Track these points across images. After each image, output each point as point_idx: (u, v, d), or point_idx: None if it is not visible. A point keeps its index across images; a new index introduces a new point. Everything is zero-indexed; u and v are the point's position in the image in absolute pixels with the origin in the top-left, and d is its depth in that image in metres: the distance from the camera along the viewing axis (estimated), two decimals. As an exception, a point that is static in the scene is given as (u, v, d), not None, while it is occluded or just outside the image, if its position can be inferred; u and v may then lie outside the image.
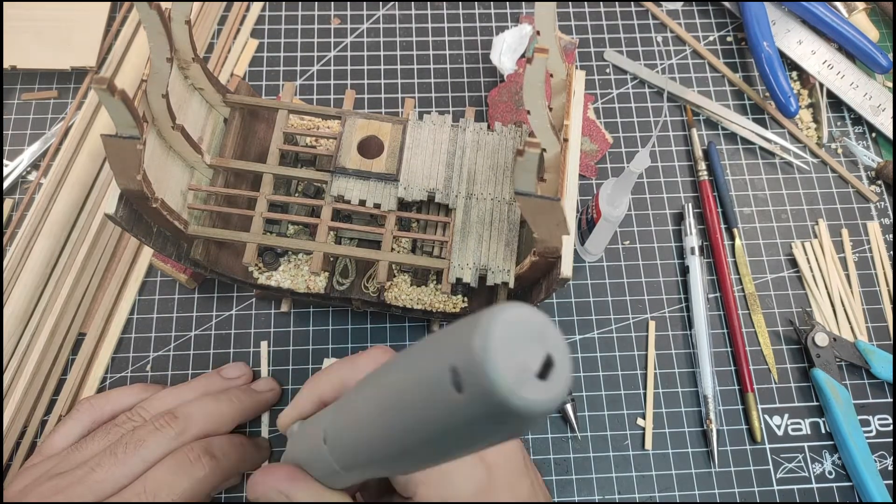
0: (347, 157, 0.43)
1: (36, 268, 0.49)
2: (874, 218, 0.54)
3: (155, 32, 0.35)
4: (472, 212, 0.42)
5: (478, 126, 0.44)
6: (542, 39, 0.36)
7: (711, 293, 0.51)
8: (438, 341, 0.20)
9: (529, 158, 0.30)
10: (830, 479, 0.47)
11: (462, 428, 0.19)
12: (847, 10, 0.59)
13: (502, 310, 0.18)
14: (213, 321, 0.50)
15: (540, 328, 0.18)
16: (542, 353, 0.18)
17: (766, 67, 0.55)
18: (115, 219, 0.37)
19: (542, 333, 0.18)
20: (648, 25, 0.60)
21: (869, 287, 0.52)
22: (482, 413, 0.18)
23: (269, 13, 0.59)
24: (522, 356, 0.18)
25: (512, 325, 0.18)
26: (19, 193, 0.53)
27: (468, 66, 0.58)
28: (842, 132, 0.57)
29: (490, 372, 0.17)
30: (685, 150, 0.56)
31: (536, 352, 0.18)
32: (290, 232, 0.45)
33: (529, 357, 0.18)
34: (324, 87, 0.57)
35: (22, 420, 0.46)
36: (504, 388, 0.17)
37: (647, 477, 0.47)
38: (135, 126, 0.32)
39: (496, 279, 0.40)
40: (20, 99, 0.56)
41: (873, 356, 0.49)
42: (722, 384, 0.49)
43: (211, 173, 0.44)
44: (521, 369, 0.17)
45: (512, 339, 0.18)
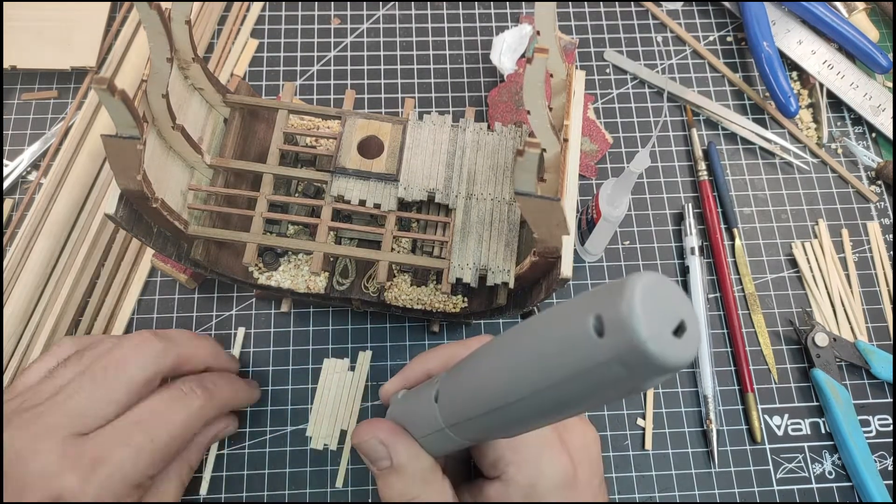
0: (347, 157, 0.43)
1: (36, 268, 0.49)
2: (874, 218, 0.54)
3: (155, 32, 0.35)
4: (472, 212, 0.42)
5: (478, 126, 0.44)
6: (542, 39, 0.36)
7: (711, 293, 0.51)
8: (579, 300, 0.22)
9: (529, 158, 0.30)
10: (830, 479, 0.47)
11: (594, 370, 0.21)
12: (847, 10, 0.59)
13: (646, 274, 0.20)
14: (213, 321, 0.50)
15: (676, 297, 0.20)
16: (678, 317, 0.20)
17: (766, 67, 0.55)
18: (115, 219, 0.37)
19: (678, 301, 0.20)
20: (648, 25, 0.60)
21: (869, 287, 0.52)
22: (618, 357, 0.20)
23: (269, 13, 0.59)
24: (661, 315, 0.20)
25: (654, 287, 0.20)
26: (19, 193, 0.53)
27: (468, 66, 0.58)
28: (842, 132, 0.57)
29: (634, 321, 0.19)
30: (685, 150, 0.56)
31: (673, 314, 0.20)
32: (290, 232, 0.45)
33: (666, 317, 0.20)
34: (324, 87, 0.57)
35: (22, 420, 0.46)
36: (644, 335, 0.19)
37: (647, 477, 0.47)
38: (135, 126, 0.32)
39: (496, 279, 0.40)
40: (20, 99, 0.56)
41: (873, 356, 0.49)
42: (722, 384, 0.49)
43: (211, 173, 0.44)
44: (659, 324, 0.20)
45: (653, 299, 0.20)
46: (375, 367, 0.49)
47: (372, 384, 0.48)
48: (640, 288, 0.20)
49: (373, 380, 0.48)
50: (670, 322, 0.20)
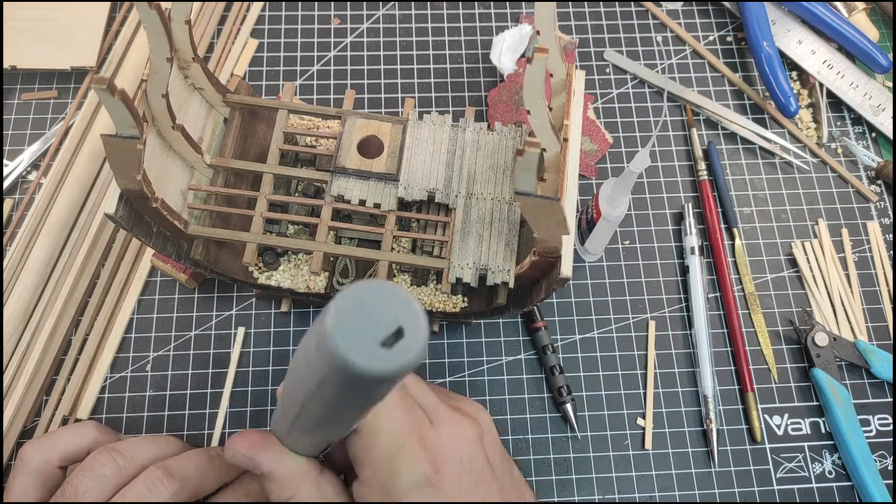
0: (347, 157, 0.43)
1: (36, 268, 0.49)
2: (874, 218, 0.54)
3: (155, 32, 0.35)
4: (472, 212, 0.42)
5: (478, 126, 0.44)
6: (542, 39, 0.36)
7: (711, 293, 0.51)
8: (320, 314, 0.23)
9: (529, 158, 0.30)
10: (830, 478, 0.47)
11: (323, 384, 0.22)
12: (847, 10, 0.59)
13: (358, 285, 0.21)
14: (213, 321, 0.50)
15: (394, 303, 0.21)
16: (395, 324, 0.20)
17: (766, 67, 0.55)
18: (115, 219, 0.37)
19: (396, 307, 0.21)
20: (648, 25, 0.60)
21: (869, 287, 0.52)
22: (331, 371, 0.21)
23: (269, 13, 0.59)
24: (370, 326, 0.20)
25: (363, 297, 0.20)
26: (19, 193, 0.53)
27: (468, 66, 0.58)
28: (842, 132, 0.57)
29: (333, 335, 0.20)
30: (685, 150, 0.56)
31: (386, 322, 0.20)
32: (290, 232, 0.45)
33: (376, 327, 0.20)
34: (324, 87, 0.57)
35: (22, 420, 0.46)
36: (342, 348, 0.20)
37: (647, 477, 0.47)
38: (135, 126, 0.32)
39: (496, 279, 0.40)
40: (20, 99, 0.56)
41: (873, 356, 0.49)
42: (722, 384, 0.49)
43: (211, 173, 0.44)
44: (363, 336, 0.20)
45: (363, 310, 0.20)
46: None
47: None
48: (341, 301, 0.20)
49: (373, 380, 0.48)
50: (381, 331, 0.20)
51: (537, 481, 0.46)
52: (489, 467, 0.35)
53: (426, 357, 0.21)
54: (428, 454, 0.33)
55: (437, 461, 0.33)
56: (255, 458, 0.33)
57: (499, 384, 0.49)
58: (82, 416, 0.47)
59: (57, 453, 0.38)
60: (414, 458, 0.32)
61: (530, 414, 0.48)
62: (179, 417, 0.47)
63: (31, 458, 0.38)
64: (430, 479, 0.32)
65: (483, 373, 0.49)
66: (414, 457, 0.32)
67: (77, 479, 0.36)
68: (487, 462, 0.35)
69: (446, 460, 0.33)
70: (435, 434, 0.34)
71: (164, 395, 0.48)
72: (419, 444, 0.33)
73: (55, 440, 0.39)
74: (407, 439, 0.32)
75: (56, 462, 0.38)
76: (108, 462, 0.36)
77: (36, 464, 0.38)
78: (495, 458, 0.36)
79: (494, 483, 0.34)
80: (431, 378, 0.49)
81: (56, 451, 0.38)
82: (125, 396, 0.48)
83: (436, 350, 0.49)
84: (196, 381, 0.48)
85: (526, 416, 0.48)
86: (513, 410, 0.48)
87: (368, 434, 0.32)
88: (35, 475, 0.37)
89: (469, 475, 0.34)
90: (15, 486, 0.37)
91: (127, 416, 0.47)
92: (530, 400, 0.48)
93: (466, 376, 0.49)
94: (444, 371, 0.49)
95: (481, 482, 0.34)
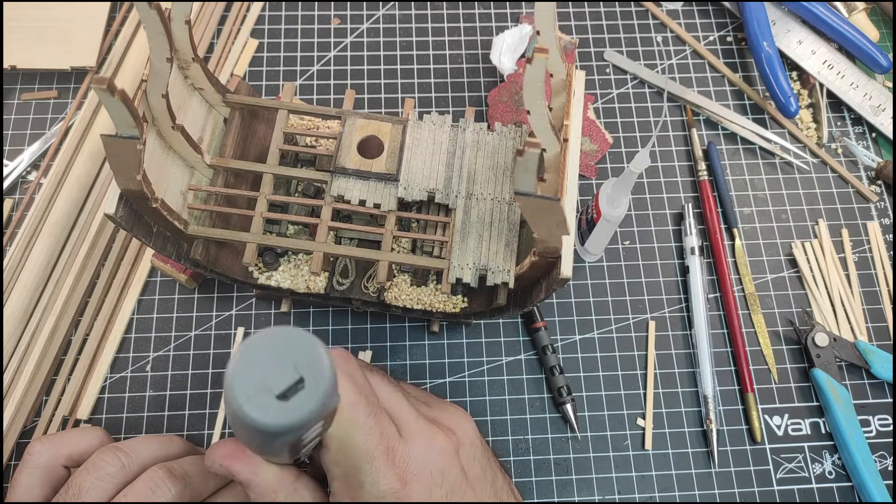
0: (347, 157, 0.43)
1: (36, 268, 0.49)
2: (874, 218, 0.54)
3: (155, 32, 0.35)
4: (472, 212, 0.42)
5: (478, 126, 0.44)
6: (542, 39, 0.36)
7: (711, 293, 0.51)
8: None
9: (529, 158, 0.30)
10: (830, 479, 0.47)
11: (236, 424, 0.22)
12: (847, 10, 0.59)
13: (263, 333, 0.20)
14: (213, 321, 0.50)
15: (303, 352, 0.20)
16: (294, 376, 0.20)
17: (766, 67, 0.55)
18: (115, 219, 0.37)
19: (304, 357, 0.20)
20: (648, 25, 0.60)
21: (869, 287, 0.52)
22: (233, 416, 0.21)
23: (269, 13, 0.59)
24: (268, 377, 0.20)
25: (266, 348, 0.20)
26: (19, 193, 0.53)
27: (468, 66, 0.58)
28: (842, 132, 0.57)
29: (229, 387, 0.20)
30: (685, 150, 0.56)
31: (287, 375, 0.20)
32: (290, 232, 0.45)
33: (277, 379, 0.20)
34: (324, 87, 0.57)
35: (22, 420, 0.46)
36: (234, 402, 0.20)
37: (647, 477, 0.47)
38: (135, 126, 0.32)
39: (496, 279, 0.40)
40: (20, 99, 0.56)
41: (873, 356, 0.49)
42: (722, 384, 0.49)
43: (211, 173, 0.44)
44: (258, 389, 0.20)
45: (262, 360, 0.20)
46: (375, 366, 0.49)
47: (372, 384, 0.48)
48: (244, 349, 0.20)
49: (373, 380, 0.48)
50: (281, 383, 0.20)
51: (537, 482, 0.46)
52: (464, 478, 0.35)
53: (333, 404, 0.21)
54: (395, 468, 0.33)
55: (404, 475, 0.33)
56: (231, 467, 0.33)
57: (499, 384, 0.49)
58: (82, 416, 0.47)
59: (65, 452, 0.39)
60: (380, 473, 0.33)
61: (530, 414, 0.48)
62: (179, 417, 0.47)
63: (38, 454, 0.38)
64: (398, 493, 0.33)
65: (483, 373, 0.49)
66: (380, 471, 0.33)
67: (81, 477, 0.36)
68: (462, 473, 0.35)
69: (415, 474, 0.33)
70: (404, 448, 0.34)
71: (163, 396, 0.48)
72: (386, 458, 0.33)
73: (64, 439, 0.39)
74: (374, 454, 0.33)
75: (63, 461, 0.39)
76: (111, 460, 0.37)
77: (43, 460, 0.38)
78: (473, 468, 0.36)
79: (469, 492, 0.35)
80: (432, 379, 0.49)
81: (64, 451, 0.39)
82: (125, 396, 0.48)
83: (436, 350, 0.49)
84: (196, 382, 0.48)
85: (526, 417, 0.48)
86: (513, 411, 0.48)
87: (335, 448, 0.32)
88: (41, 471, 0.38)
89: (439, 488, 0.34)
90: (21, 481, 0.38)
91: (127, 417, 0.47)
92: (530, 400, 0.48)
93: (466, 376, 0.49)
94: (444, 371, 0.49)
95: (454, 494, 0.34)
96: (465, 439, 0.37)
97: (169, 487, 0.36)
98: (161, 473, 0.36)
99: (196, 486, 0.37)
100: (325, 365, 0.20)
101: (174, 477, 0.36)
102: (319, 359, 0.20)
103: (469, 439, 0.37)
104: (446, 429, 0.36)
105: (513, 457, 0.47)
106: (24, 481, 0.38)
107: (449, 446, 0.35)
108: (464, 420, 0.38)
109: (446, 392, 0.48)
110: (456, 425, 0.37)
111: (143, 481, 0.36)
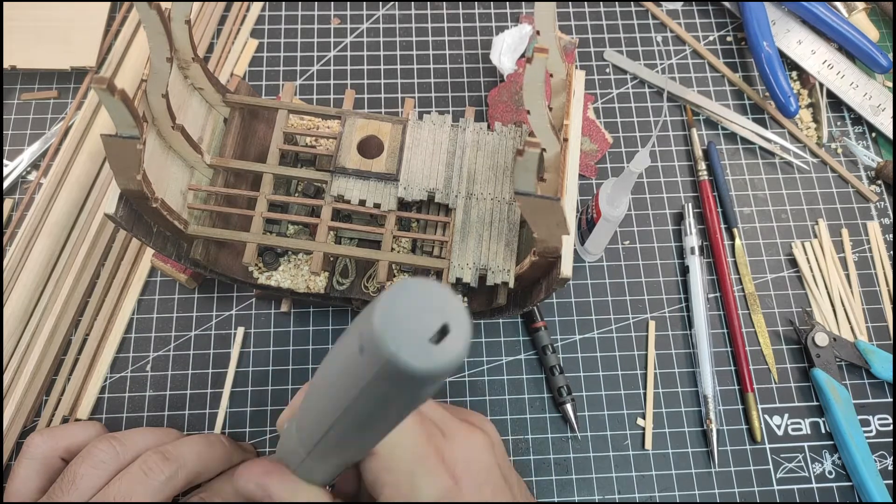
0: (347, 157, 0.43)
1: (36, 268, 0.49)
2: (874, 218, 0.54)
3: (155, 32, 0.35)
4: (472, 212, 0.42)
5: (478, 126, 0.44)
6: (542, 39, 0.36)
7: (711, 293, 0.51)
8: (357, 319, 0.22)
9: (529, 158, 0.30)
10: (830, 479, 0.47)
11: (368, 388, 0.21)
12: (847, 10, 0.59)
13: (403, 284, 0.20)
14: (213, 321, 0.50)
15: (438, 299, 0.20)
16: (440, 321, 0.20)
17: (766, 67, 0.55)
18: (115, 219, 0.37)
19: (441, 304, 0.20)
20: (648, 25, 0.60)
21: (869, 287, 0.52)
22: (379, 372, 0.20)
23: (269, 13, 0.59)
24: (417, 323, 0.20)
25: (408, 295, 0.20)
26: (19, 193, 0.53)
27: (468, 66, 0.58)
28: (842, 132, 0.57)
29: (381, 334, 0.19)
30: (685, 150, 0.56)
31: (433, 319, 0.20)
32: (290, 232, 0.45)
33: (425, 325, 0.20)
34: (324, 87, 0.57)
35: (22, 420, 0.46)
36: (392, 347, 0.19)
37: (647, 477, 0.47)
38: (135, 126, 0.32)
39: (496, 279, 0.40)
40: (20, 99, 0.56)
41: (873, 356, 0.49)
42: (722, 384, 0.49)
43: (211, 173, 0.44)
44: (411, 334, 0.20)
45: (408, 308, 0.20)
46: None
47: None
48: (386, 300, 0.20)
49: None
50: (428, 328, 0.20)
51: (537, 481, 0.46)
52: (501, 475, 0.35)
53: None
54: (447, 467, 0.32)
55: (455, 473, 0.33)
56: (269, 486, 0.32)
57: (499, 384, 0.49)
58: (82, 416, 0.47)
59: (63, 445, 0.40)
60: (434, 473, 0.32)
61: (530, 414, 0.48)
62: (179, 417, 0.47)
63: (37, 445, 0.39)
64: (451, 492, 0.32)
65: (483, 373, 0.49)
66: (434, 471, 0.32)
67: (76, 465, 0.37)
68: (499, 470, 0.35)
69: (465, 472, 0.33)
70: (450, 446, 0.34)
71: (163, 395, 0.48)
72: (437, 457, 0.32)
73: (63, 432, 0.40)
74: (425, 454, 0.32)
75: (61, 453, 0.40)
76: (106, 448, 0.38)
77: (41, 452, 0.39)
78: (504, 466, 0.36)
79: (508, 491, 0.34)
80: (431, 378, 0.49)
81: (62, 443, 0.40)
82: (125, 396, 0.48)
83: (436, 350, 0.49)
84: (196, 381, 0.48)
85: (526, 417, 0.48)
86: (513, 410, 0.48)
87: (386, 454, 0.32)
88: (39, 463, 0.39)
89: (487, 485, 0.34)
90: (19, 472, 0.39)
91: (127, 417, 0.47)
92: (530, 400, 0.48)
93: (466, 376, 0.49)
94: (444, 371, 0.49)
95: (498, 491, 0.34)
96: (494, 437, 0.37)
97: (163, 469, 0.36)
98: (155, 457, 0.37)
99: (191, 469, 0.38)
100: (463, 311, 0.20)
101: (168, 460, 0.37)
102: (457, 305, 0.20)
103: (496, 438, 0.37)
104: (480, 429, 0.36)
105: (513, 457, 0.47)
106: (22, 472, 0.39)
107: (487, 444, 0.35)
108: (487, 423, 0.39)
109: (446, 392, 0.48)
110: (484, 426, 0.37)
111: (137, 465, 0.37)
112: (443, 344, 0.20)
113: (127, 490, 0.36)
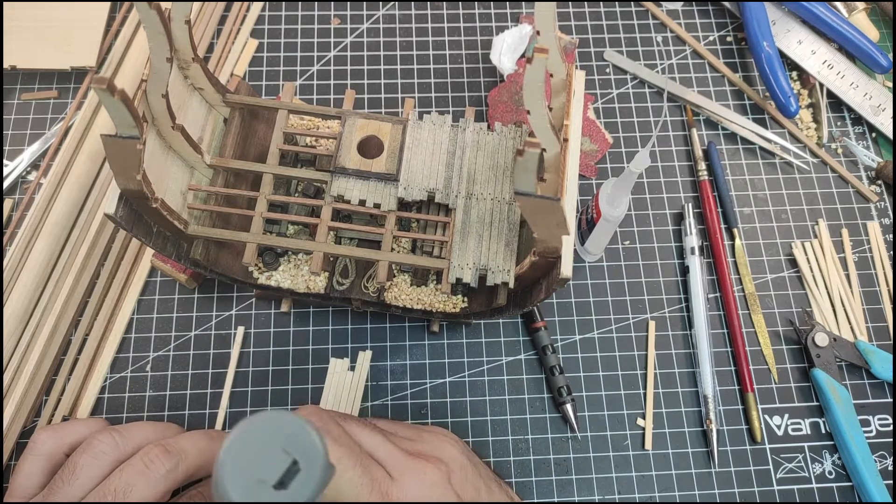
0: (347, 157, 0.43)
1: (36, 268, 0.49)
2: (874, 218, 0.54)
3: (155, 32, 0.35)
4: (472, 212, 0.42)
5: (478, 126, 0.44)
6: (542, 39, 0.36)
7: (711, 293, 0.51)
8: None
9: (529, 158, 0.30)
10: (830, 479, 0.47)
11: None
12: (847, 10, 0.59)
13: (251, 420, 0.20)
14: (213, 321, 0.50)
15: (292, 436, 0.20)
16: (287, 460, 0.19)
17: (766, 67, 0.55)
18: (115, 219, 0.37)
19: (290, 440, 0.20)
20: (648, 25, 0.60)
21: (869, 287, 0.52)
22: None
23: (269, 13, 0.59)
24: (261, 467, 0.19)
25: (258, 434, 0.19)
26: (19, 193, 0.53)
27: (468, 66, 0.58)
28: (842, 132, 0.57)
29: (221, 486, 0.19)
30: (685, 150, 0.56)
31: (280, 460, 0.19)
32: (290, 232, 0.45)
33: (270, 467, 0.19)
34: (324, 87, 0.57)
35: (22, 420, 0.46)
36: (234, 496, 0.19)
37: (647, 477, 0.47)
38: (135, 126, 0.32)
39: (496, 279, 0.40)
40: (20, 99, 0.56)
41: (873, 356, 0.49)
42: (722, 384, 0.49)
43: (211, 173, 0.44)
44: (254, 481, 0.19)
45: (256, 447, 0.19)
46: (375, 367, 0.49)
47: (371, 384, 0.48)
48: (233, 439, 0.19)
49: (372, 380, 0.48)
50: (275, 471, 0.19)
51: (537, 482, 0.46)
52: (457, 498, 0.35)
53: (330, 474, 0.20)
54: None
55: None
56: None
57: (499, 384, 0.49)
58: (82, 416, 0.47)
59: (67, 441, 0.40)
60: None
61: (530, 414, 0.48)
62: (179, 417, 0.47)
63: (42, 442, 0.40)
64: None
65: (483, 373, 0.49)
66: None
67: (77, 456, 0.37)
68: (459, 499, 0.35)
69: None
70: (398, 489, 0.34)
71: (163, 396, 0.48)
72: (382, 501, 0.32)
73: (68, 429, 0.41)
74: (369, 500, 0.32)
75: (65, 449, 0.40)
76: (106, 440, 0.38)
77: (46, 447, 0.40)
78: (467, 491, 0.36)
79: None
80: (432, 379, 0.49)
81: (67, 440, 0.40)
82: (125, 396, 0.48)
83: (436, 350, 0.49)
84: (196, 382, 0.48)
85: (526, 417, 0.48)
86: (513, 411, 0.48)
87: None
88: (43, 459, 0.39)
89: None
90: (23, 468, 0.39)
91: (127, 417, 0.47)
92: (530, 400, 0.48)
93: (466, 376, 0.49)
94: (444, 371, 0.49)
95: None
96: (454, 465, 0.37)
97: (163, 462, 0.37)
98: (157, 450, 0.37)
99: (192, 463, 0.38)
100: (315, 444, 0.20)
101: (169, 453, 0.37)
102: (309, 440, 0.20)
103: (458, 464, 0.37)
104: (434, 459, 0.36)
105: (513, 457, 0.47)
106: (27, 468, 0.39)
107: (440, 477, 0.35)
108: (448, 445, 0.38)
109: (446, 392, 0.48)
110: (442, 452, 0.37)
111: (139, 456, 0.37)
112: (294, 484, 0.19)
113: (128, 481, 0.36)
